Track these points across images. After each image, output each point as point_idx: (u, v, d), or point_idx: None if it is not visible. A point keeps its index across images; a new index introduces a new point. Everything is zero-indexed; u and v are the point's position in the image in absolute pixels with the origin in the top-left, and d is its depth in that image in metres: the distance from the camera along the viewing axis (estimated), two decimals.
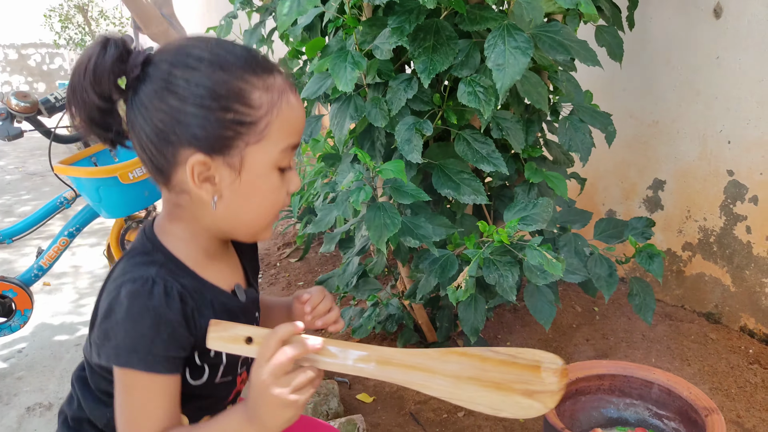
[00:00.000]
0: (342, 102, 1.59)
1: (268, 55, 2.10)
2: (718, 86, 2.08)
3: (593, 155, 2.34)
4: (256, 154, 0.78)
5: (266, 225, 0.85)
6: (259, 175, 0.79)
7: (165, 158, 0.77)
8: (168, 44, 0.78)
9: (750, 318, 2.12)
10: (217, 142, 0.76)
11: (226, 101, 0.75)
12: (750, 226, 2.07)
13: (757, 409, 1.74)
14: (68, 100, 0.78)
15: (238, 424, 0.76)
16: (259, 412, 0.74)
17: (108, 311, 0.76)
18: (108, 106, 0.77)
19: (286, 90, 0.80)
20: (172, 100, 0.74)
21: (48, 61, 14.23)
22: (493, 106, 1.40)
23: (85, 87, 0.75)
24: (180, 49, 0.76)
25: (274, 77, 0.79)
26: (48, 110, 1.89)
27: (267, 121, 0.77)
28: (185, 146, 0.76)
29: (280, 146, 0.79)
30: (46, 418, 1.91)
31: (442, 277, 1.60)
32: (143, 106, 0.76)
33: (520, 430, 1.67)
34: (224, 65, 0.76)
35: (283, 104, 0.79)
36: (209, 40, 0.78)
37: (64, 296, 2.90)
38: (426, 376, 0.76)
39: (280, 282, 2.87)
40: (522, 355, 0.76)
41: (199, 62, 0.75)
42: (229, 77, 0.75)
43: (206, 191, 0.78)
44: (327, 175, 2.52)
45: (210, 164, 0.77)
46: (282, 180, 0.82)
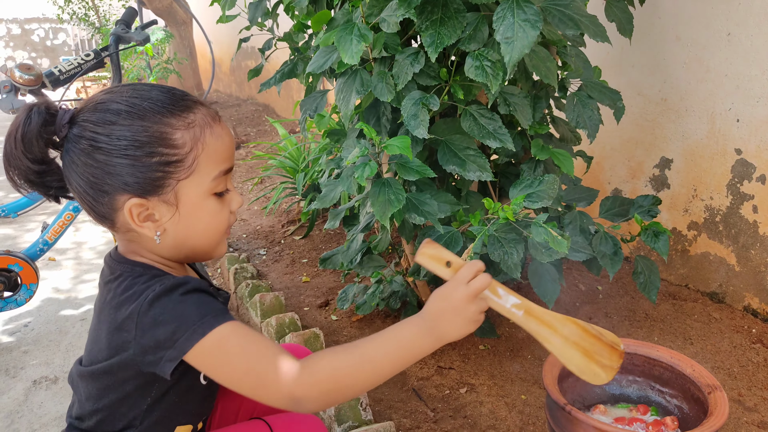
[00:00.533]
0: (348, 76, 1.57)
1: (273, 29, 2.07)
2: (729, 63, 2.05)
3: (600, 133, 2.32)
4: (189, 188, 0.84)
5: (217, 244, 0.92)
6: (196, 205, 0.86)
7: (104, 206, 0.84)
8: (88, 101, 0.84)
9: (754, 298, 2.11)
10: (149, 184, 0.82)
11: (150, 147, 0.81)
12: (757, 205, 2.06)
13: (759, 388, 1.75)
14: (5, 167, 0.83)
15: (414, 335, 0.83)
16: (443, 324, 0.83)
17: (154, 322, 0.80)
18: (42, 168, 0.84)
19: (208, 123, 0.85)
20: (98, 155, 0.80)
21: (52, 36, 14.13)
22: (500, 81, 1.39)
23: (17, 155, 0.81)
24: (99, 106, 0.82)
25: (194, 113, 0.84)
26: (52, 83, 1.88)
27: (194, 156, 0.83)
28: (120, 193, 0.82)
29: (212, 175, 0.85)
30: (52, 391, 1.93)
31: None
32: (74, 164, 0.82)
33: (521, 406, 1.68)
34: (142, 113, 0.81)
35: (207, 137, 0.84)
36: (125, 91, 0.83)
37: (70, 271, 2.92)
38: (550, 333, 0.92)
39: (284, 259, 2.88)
40: (604, 334, 0.97)
41: (117, 116, 0.80)
42: (149, 124, 0.81)
43: (149, 229, 0.85)
44: (332, 152, 2.51)
45: (147, 204, 0.83)
46: (222, 203, 0.89)
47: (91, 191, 0.83)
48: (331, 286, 2.49)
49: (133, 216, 0.83)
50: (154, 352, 0.81)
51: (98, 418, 0.91)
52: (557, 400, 1.09)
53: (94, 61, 1.97)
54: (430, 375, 1.84)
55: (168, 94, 0.84)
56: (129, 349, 0.83)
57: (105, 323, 0.86)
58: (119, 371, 0.86)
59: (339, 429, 1.57)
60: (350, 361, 0.82)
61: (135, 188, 0.82)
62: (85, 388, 0.92)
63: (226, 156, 0.88)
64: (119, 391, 0.88)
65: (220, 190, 0.88)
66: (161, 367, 0.81)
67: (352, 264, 2.00)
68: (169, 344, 0.80)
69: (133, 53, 7.07)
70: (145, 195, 0.83)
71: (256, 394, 0.82)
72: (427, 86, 1.57)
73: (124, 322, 0.82)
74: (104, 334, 0.85)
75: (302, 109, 1.81)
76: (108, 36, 1.98)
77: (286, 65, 1.98)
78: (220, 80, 8.48)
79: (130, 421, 0.91)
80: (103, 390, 0.89)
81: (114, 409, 0.90)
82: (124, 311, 0.82)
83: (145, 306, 0.81)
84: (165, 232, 0.86)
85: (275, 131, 5.55)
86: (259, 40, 5.43)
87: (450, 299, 0.83)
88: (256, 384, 0.81)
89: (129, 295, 0.83)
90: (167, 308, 0.81)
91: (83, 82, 8.95)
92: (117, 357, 0.85)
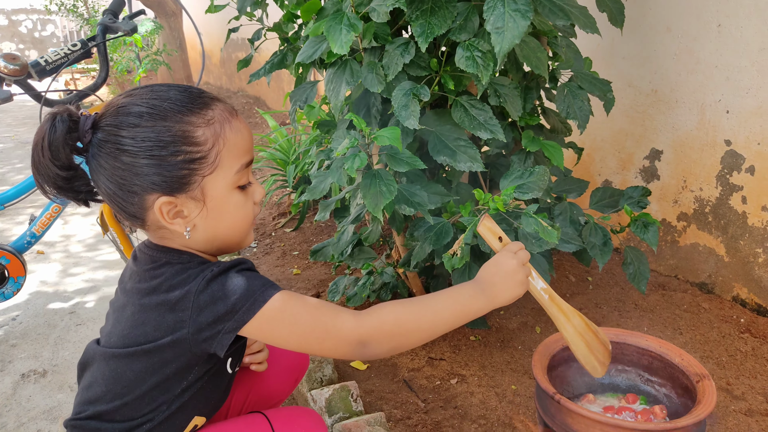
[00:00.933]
0: (338, 67, 1.56)
1: (263, 19, 2.06)
2: (719, 55, 2.05)
3: (590, 125, 2.33)
4: (214, 183, 0.87)
5: (245, 234, 0.96)
6: (222, 199, 0.89)
7: (134, 206, 0.87)
8: (109, 106, 0.86)
9: (743, 288, 2.13)
10: (176, 182, 0.85)
11: (174, 146, 0.83)
12: (746, 196, 2.07)
13: (747, 377, 1.76)
14: (34, 176, 0.87)
15: (469, 294, 0.94)
16: (496, 286, 0.95)
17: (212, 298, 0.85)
18: (70, 174, 0.87)
19: (227, 118, 0.88)
20: (125, 157, 0.83)
21: (40, 27, 13.96)
22: (491, 72, 1.38)
23: (45, 163, 0.84)
24: (120, 110, 0.84)
25: (212, 110, 0.87)
26: (38, 73, 1.86)
27: (216, 152, 0.86)
28: (149, 192, 0.85)
29: (234, 169, 0.89)
30: (41, 385, 1.92)
31: (436, 244, 1.60)
32: (102, 168, 0.85)
33: (511, 396, 1.68)
34: (163, 114, 0.84)
35: (226, 132, 0.87)
36: (144, 93, 0.86)
37: (59, 265, 2.90)
38: (565, 320, 1.09)
39: (275, 252, 2.87)
40: (599, 332, 1.15)
41: (139, 118, 0.83)
42: (171, 123, 0.84)
43: (179, 225, 0.88)
44: (322, 143, 2.50)
45: (175, 202, 0.86)
46: (246, 195, 0.92)
47: (121, 193, 0.86)
48: (322, 278, 2.49)
49: (164, 214, 0.87)
50: (211, 327, 0.85)
51: (122, 402, 0.92)
52: (546, 390, 1.10)
53: (81, 52, 1.95)
54: (421, 366, 1.84)
55: (186, 93, 0.87)
56: (184, 328, 0.86)
57: (152, 306, 0.88)
58: (166, 352, 0.88)
59: (330, 420, 1.57)
60: (412, 308, 0.91)
61: (163, 187, 0.85)
62: (113, 370, 0.92)
63: (246, 149, 0.91)
64: (158, 374, 0.90)
65: (243, 183, 0.91)
66: (218, 341, 0.85)
67: (343, 256, 2.00)
68: (229, 316, 0.84)
69: (122, 44, 7.01)
70: (173, 193, 0.86)
71: (324, 347, 0.88)
72: (417, 77, 1.56)
73: (179, 302, 0.86)
74: (152, 316, 0.88)
75: (292, 100, 1.80)
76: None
77: (275, 56, 1.96)
78: (210, 72, 8.43)
79: (158, 406, 0.92)
80: (141, 372, 0.90)
81: (145, 392, 0.91)
82: (179, 293, 0.86)
83: (203, 285, 0.85)
84: (195, 228, 0.90)
85: (266, 123, 5.53)
86: (249, 31, 5.39)
87: (501, 265, 0.97)
88: (324, 335, 0.87)
89: (183, 278, 0.87)
90: (225, 284, 0.85)
91: (72, 74, 8.86)
92: (169, 337, 0.87)
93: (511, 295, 0.96)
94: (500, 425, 1.58)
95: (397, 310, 0.90)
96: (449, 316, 0.92)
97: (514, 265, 0.97)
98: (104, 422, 0.93)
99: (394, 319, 0.89)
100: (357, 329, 0.87)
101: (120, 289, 0.98)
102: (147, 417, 0.93)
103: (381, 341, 0.88)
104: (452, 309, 0.92)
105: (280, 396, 1.26)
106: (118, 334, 0.93)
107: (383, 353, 0.89)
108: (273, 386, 1.24)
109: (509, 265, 0.96)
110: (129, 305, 0.92)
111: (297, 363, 1.27)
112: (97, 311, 2.41)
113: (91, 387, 0.95)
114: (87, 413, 0.94)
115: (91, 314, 2.39)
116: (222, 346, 0.86)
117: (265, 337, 0.88)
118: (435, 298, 0.93)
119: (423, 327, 0.90)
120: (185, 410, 0.96)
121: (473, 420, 1.60)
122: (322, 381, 1.74)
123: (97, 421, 0.93)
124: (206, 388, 0.97)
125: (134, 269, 0.95)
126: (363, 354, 0.88)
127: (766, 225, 2.02)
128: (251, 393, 1.22)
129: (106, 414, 0.93)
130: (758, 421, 1.58)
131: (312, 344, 0.88)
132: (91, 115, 0.86)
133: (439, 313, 0.91)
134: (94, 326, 2.29)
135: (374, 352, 0.88)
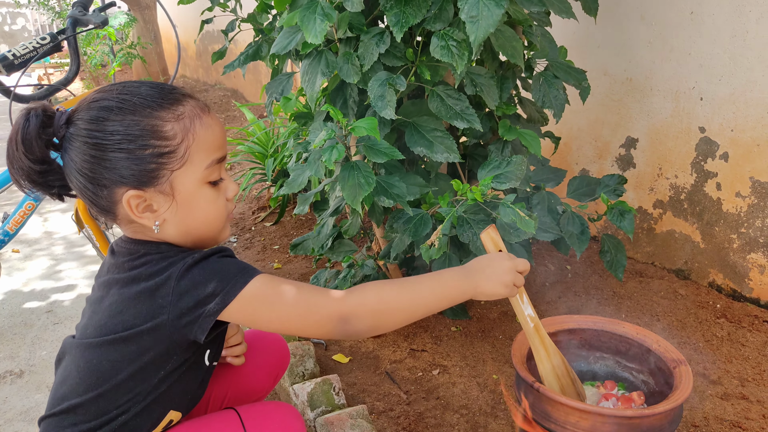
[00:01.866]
0: (313, 58, 1.54)
1: (237, 9, 2.03)
2: (692, 42, 2.07)
3: (567, 115, 2.34)
4: (183, 177, 0.88)
5: (219, 229, 0.96)
6: (191, 194, 0.90)
7: (104, 200, 0.88)
8: (82, 102, 0.88)
9: (718, 274, 2.16)
10: (144, 176, 0.86)
11: (142, 139, 0.85)
12: (720, 182, 2.09)
13: (723, 362, 1.79)
14: (9, 170, 0.88)
15: (453, 277, 0.95)
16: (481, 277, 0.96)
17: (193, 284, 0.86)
18: (44, 168, 0.88)
19: (197, 114, 0.89)
20: (94, 151, 0.84)
21: (9, 21, 13.67)
22: (466, 61, 1.38)
23: (18, 156, 0.86)
24: (92, 105, 0.86)
25: (183, 105, 0.88)
26: (6, 67, 1.81)
27: (185, 147, 0.87)
28: (118, 186, 0.86)
29: (204, 164, 0.89)
30: (18, 386, 1.89)
31: (416, 236, 1.60)
32: (73, 162, 0.86)
33: (492, 385, 1.69)
34: (132, 108, 0.85)
35: (197, 128, 0.88)
36: (115, 89, 0.87)
37: (36, 264, 2.85)
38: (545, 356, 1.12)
39: (255, 246, 2.85)
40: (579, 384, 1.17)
41: (109, 112, 0.85)
42: (140, 118, 0.85)
43: (148, 219, 0.89)
44: (300, 135, 2.48)
45: (144, 196, 0.87)
46: (217, 191, 0.93)
47: (91, 186, 0.87)
48: (303, 272, 2.47)
49: (132, 207, 0.87)
50: (192, 311, 0.85)
51: (96, 393, 0.91)
52: (526, 379, 1.10)
53: (51, 45, 1.90)
54: (403, 358, 1.84)
55: (157, 88, 0.88)
56: (164, 314, 0.86)
57: (131, 294, 0.88)
58: (144, 339, 0.88)
59: (312, 414, 1.57)
60: (394, 286, 0.92)
61: (131, 180, 0.86)
62: (88, 361, 0.92)
63: (217, 145, 0.91)
64: (135, 363, 0.90)
65: (214, 178, 0.92)
66: (199, 325, 0.86)
67: (323, 249, 1.99)
68: (210, 300, 0.85)
69: (96, 38, 6.89)
70: (142, 186, 0.86)
71: (306, 324, 0.88)
72: (393, 67, 1.55)
73: (159, 288, 0.86)
74: (131, 304, 0.88)
75: (268, 92, 1.78)
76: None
77: (250, 47, 1.94)
78: (186, 65, 8.32)
79: (133, 397, 0.92)
80: (117, 361, 0.90)
81: (121, 382, 0.91)
82: (159, 279, 0.87)
83: (183, 271, 0.86)
84: (165, 222, 0.90)
85: (244, 116, 5.47)
86: (224, 22, 5.33)
87: (494, 260, 0.98)
88: (306, 312, 0.87)
89: (164, 266, 0.88)
90: (206, 269, 0.86)
91: (45, 69, 8.70)
92: (148, 323, 0.87)
93: (493, 290, 0.96)
94: (482, 414, 1.59)
95: (378, 288, 0.91)
96: (430, 296, 0.93)
97: (508, 265, 0.98)
98: (78, 415, 0.92)
99: (376, 296, 0.90)
100: (339, 305, 0.88)
101: (97, 283, 0.97)
102: (122, 408, 0.92)
103: (362, 317, 0.89)
104: (434, 289, 0.93)
105: (261, 392, 1.25)
106: (95, 324, 0.93)
107: (365, 330, 0.90)
108: (253, 383, 1.22)
109: (503, 263, 0.98)
110: (107, 297, 0.92)
111: (277, 359, 1.26)
112: (75, 309, 2.37)
113: (65, 381, 0.94)
114: (61, 407, 0.93)
115: (69, 312, 2.35)
116: (203, 330, 0.86)
117: (246, 320, 0.88)
118: (419, 279, 0.94)
119: (404, 306, 0.92)
120: (161, 403, 0.95)
121: (455, 410, 1.61)
122: (304, 375, 1.73)
123: (72, 415, 0.92)
124: (183, 380, 0.96)
125: (112, 262, 0.95)
126: (345, 330, 0.89)
127: (740, 211, 2.05)
128: (230, 390, 1.21)
129: (80, 407, 0.92)
130: (734, 404, 1.61)
131: (295, 323, 0.88)
132: (66, 111, 0.87)
133: (421, 292, 0.93)
134: (71, 325, 2.25)
135: (356, 329, 0.89)
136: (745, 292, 2.09)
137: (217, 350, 1.03)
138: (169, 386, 0.95)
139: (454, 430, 1.54)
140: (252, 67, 5.79)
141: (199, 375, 1.00)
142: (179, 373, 0.95)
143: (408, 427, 1.56)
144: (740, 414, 1.57)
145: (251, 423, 1.00)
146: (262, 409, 1.04)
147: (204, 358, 0.99)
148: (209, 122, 0.91)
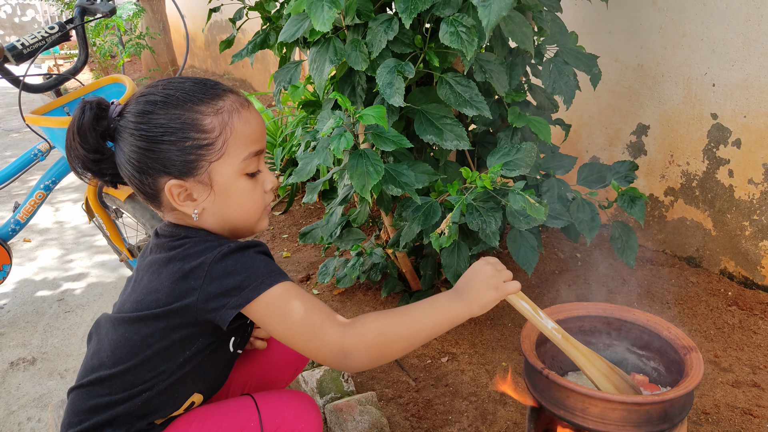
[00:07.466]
0: (321, 45, 1.54)
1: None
2: (704, 27, 2.04)
3: (577, 101, 2.32)
4: (221, 169, 0.93)
5: (256, 220, 1.00)
6: (229, 185, 0.94)
7: (149, 188, 0.94)
8: (132, 96, 0.95)
9: (730, 261, 2.14)
10: (185, 166, 0.91)
11: (183, 132, 0.90)
12: (732, 169, 2.07)
13: (734, 349, 1.78)
14: (67, 157, 0.96)
15: (447, 302, 0.96)
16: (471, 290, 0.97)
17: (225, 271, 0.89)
18: (98, 157, 0.95)
19: (236, 108, 0.94)
20: (140, 142, 0.91)
21: (20, 12, 13.70)
22: (476, 47, 1.36)
23: (75, 146, 0.94)
24: (139, 99, 0.93)
25: (223, 100, 0.93)
26: (15, 57, 1.82)
27: (223, 140, 0.92)
28: (161, 175, 0.92)
29: (241, 156, 0.94)
30: (30, 373, 1.91)
31: (425, 224, 1.59)
32: (122, 152, 0.93)
33: (502, 373, 1.69)
34: (175, 102, 0.91)
35: (234, 122, 0.93)
36: (161, 84, 0.94)
37: (47, 253, 2.87)
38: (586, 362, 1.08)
39: (265, 235, 2.85)
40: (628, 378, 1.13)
41: (153, 106, 0.91)
42: (181, 112, 0.90)
43: (188, 207, 0.94)
44: (308, 124, 2.48)
45: (185, 185, 0.93)
46: (255, 182, 0.97)
47: (138, 175, 0.93)
48: (312, 261, 2.48)
49: (174, 196, 0.93)
50: (218, 299, 0.89)
51: (125, 367, 0.96)
52: (535, 365, 1.10)
53: (59, 34, 1.91)
54: None
55: (200, 84, 0.93)
56: (193, 296, 0.90)
57: (167, 273, 0.93)
58: (174, 318, 0.92)
59: (321, 401, 1.58)
60: (394, 317, 0.93)
61: (173, 170, 0.91)
62: (121, 335, 0.97)
63: (254, 139, 0.96)
64: (164, 340, 0.94)
65: (251, 170, 0.96)
66: (222, 314, 0.89)
67: (332, 238, 1.99)
68: (236, 292, 0.88)
69: (105, 28, 6.89)
70: (183, 176, 0.92)
71: (308, 346, 0.90)
72: (402, 54, 1.54)
73: (193, 270, 0.90)
74: (166, 283, 0.92)
75: (276, 81, 1.77)
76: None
77: (258, 35, 1.93)
78: (195, 55, 8.31)
79: (158, 374, 0.96)
80: (148, 336, 0.94)
81: (149, 358, 0.95)
82: (195, 262, 0.90)
83: (219, 257, 0.90)
84: (204, 211, 0.95)
85: None
86: (232, 11, 5.31)
87: (475, 272, 1.00)
88: (310, 335, 0.89)
89: (202, 249, 0.92)
90: (239, 261, 0.90)
91: (55, 60, 8.71)
92: (178, 303, 0.91)
93: (486, 299, 0.97)
94: (491, 402, 1.59)
95: (379, 320, 0.92)
96: (429, 322, 0.94)
97: (489, 270, 0.99)
98: (105, 387, 0.96)
99: (376, 330, 0.91)
100: (341, 338, 0.89)
101: (139, 264, 1.02)
102: (147, 385, 0.96)
103: (363, 351, 0.90)
104: (432, 316, 0.95)
105: (282, 383, 1.27)
106: (132, 300, 0.97)
107: (364, 364, 0.91)
108: (275, 372, 1.25)
109: (483, 271, 0.99)
110: (146, 275, 0.97)
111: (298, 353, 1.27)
112: (86, 298, 2.39)
113: (96, 354, 1.00)
114: (89, 378, 0.98)
115: (80, 301, 2.37)
116: (224, 321, 0.89)
117: (260, 322, 0.91)
118: (415, 307, 0.95)
119: (405, 335, 0.93)
120: (183, 383, 0.99)
121: (464, 397, 1.61)
122: (313, 362, 1.74)
123: (99, 386, 0.97)
124: (206, 363, 1.00)
125: (154, 243, 1.00)
126: (344, 364, 0.90)
127: (753, 198, 2.03)
128: (251, 379, 1.23)
129: (108, 380, 0.96)
130: (745, 392, 1.60)
131: (297, 340, 0.90)
132: (120, 105, 0.94)
133: (420, 319, 0.94)
134: (83, 313, 2.27)
135: (355, 364, 0.90)
136: (757, 279, 2.07)
137: (242, 339, 1.06)
138: (193, 368, 0.98)
139: (463, 417, 1.55)
140: (260, 57, 5.78)
141: (223, 360, 1.04)
142: (203, 356, 0.98)
143: (417, 413, 1.56)
144: (751, 401, 1.56)
145: (266, 409, 1.01)
146: (278, 396, 1.05)
147: (229, 344, 1.02)
148: (247, 116, 0.95)
